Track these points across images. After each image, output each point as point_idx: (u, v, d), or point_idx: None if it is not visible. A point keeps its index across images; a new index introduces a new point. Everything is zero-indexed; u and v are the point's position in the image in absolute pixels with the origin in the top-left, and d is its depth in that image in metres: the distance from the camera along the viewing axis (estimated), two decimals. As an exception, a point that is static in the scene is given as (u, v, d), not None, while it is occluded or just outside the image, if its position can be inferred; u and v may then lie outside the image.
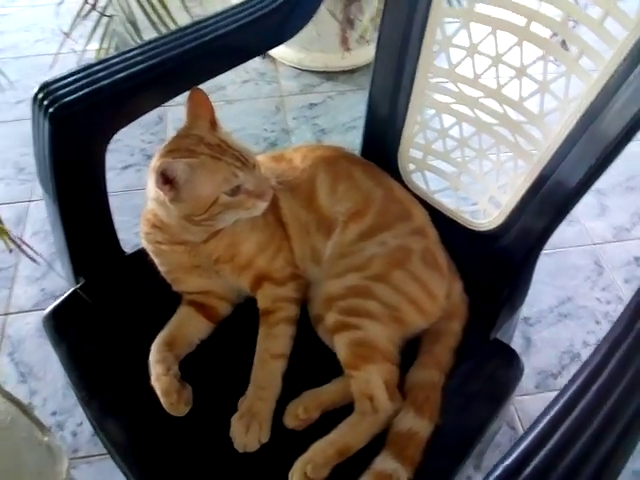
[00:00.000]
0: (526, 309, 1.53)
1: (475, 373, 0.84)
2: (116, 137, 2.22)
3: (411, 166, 1.00)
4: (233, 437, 0.74)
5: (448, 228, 0.94)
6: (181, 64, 0.91)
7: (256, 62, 2.35)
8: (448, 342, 0.85)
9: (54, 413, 1.32)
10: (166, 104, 0.90)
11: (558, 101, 0.81)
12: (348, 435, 0.74)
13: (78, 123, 0.77)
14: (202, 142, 0.78)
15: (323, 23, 2.14)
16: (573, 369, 1.38)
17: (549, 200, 0.82)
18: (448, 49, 0.89)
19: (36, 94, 0.76)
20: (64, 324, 0.84)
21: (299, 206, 0.89)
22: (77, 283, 0.90)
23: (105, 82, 0.79)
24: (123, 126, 0.83)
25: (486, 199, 0.93)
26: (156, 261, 0.88)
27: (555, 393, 0.58)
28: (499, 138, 0.88)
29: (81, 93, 0.75)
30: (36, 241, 1.68)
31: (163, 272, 0.88)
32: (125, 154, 1.97)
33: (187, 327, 0.85)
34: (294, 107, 2.14)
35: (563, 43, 0.81)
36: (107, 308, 0.88)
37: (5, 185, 1.86)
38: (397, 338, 0.82)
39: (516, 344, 1.43)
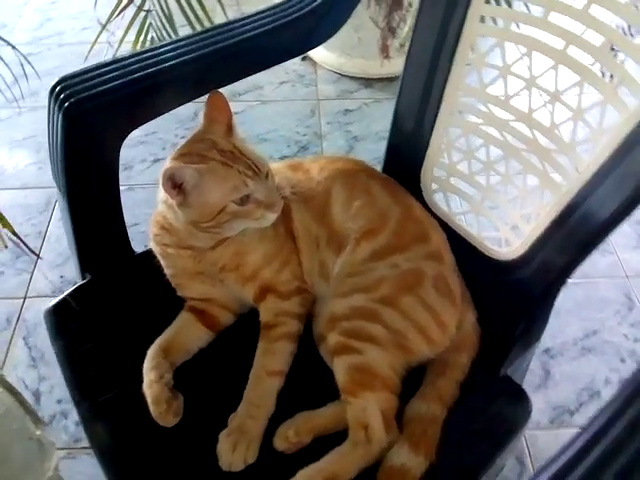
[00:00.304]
0: (549, 340, 1.47)
1: (480, 410, 0.79)
2: (150, 129, 2.23)
3: (434, 186, 0.96)
4: (219, 454, 0.72)
5: (466, 254, 0.90)
6: (210, 63, 0.89)
7: (296, 64, 2.34)
8: (454, 375, 0.81)
9: (60, 401, 1.33)
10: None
11: (592, 130, 0.76)
12: (337, 464, 0.71)
13: (92, 120, 0.76)
14: (215, 147, 0.76)
15: (365, 29, 2.11)
16: (591, 407, 1.32)
17: (574, 235, 0.77)
18: (480, 68, 0.85)
19: (53, 87, 0.75)
20: (64, 320, 0.84)
21: (311, 219, 0.87)
22: (83, 279, 0.90)
23: (124, 80, 0.78)
24: (141, 124, 0.82)
25: (508, 227, 0.88)
26: (162, 263, 0.86)
27: (570, 430, 0.53)
28: (527, 165, 0.84)
29: (98, 90, 0.74)
30: (60, 227, 1.70)
31: (168, 275, 0.86)
32: (157, 147, 1.98)
33: (186, 334, 0.83)
34: (329, 112, 2.11)
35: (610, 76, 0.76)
36: (109, 308, 0.87)
37: (37, 169, 1.89)
38: (400, 366, 0.78)
39: (534, 375, 1.39)
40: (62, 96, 0.74)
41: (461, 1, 0.82)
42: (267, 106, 2.15)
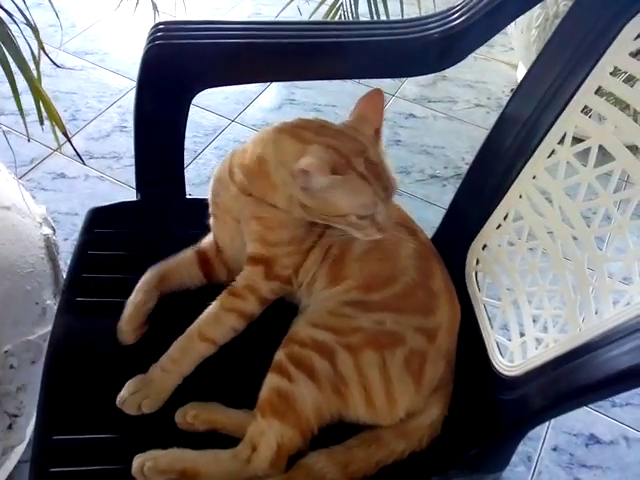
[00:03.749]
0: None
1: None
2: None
3: (478, 264, 0.87)
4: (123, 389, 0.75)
5: (469, 344, 0.81)
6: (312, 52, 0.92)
7: (505, 92, 2.22)
8: (378, 454, 0.74)
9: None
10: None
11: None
12: (206, 463, 0.70)
13: (166, 63, 0.82)
14: (364, 155, 0.73)
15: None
16: None
17: (561, 383, 0.65)
18: (564, 162, 0.74)
19: (157, 24, 0.83)
20: (95, 223, 0.92)
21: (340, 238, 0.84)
22: (136, 197, 0.99)
23: (217, 39, 0.82)
24: (212, 86, 0.86)
25: (519, 341, 0.77)
26: (213, 191, 0.85)
27: None
28: (563, 286, 0.72)
29: (183, 41, 0.80)
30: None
31: (210, 201, 0.86)
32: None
33: (183, 271, 0.87)
34: (507, 151, 1.98)
35: None
36: (134, 231, 0.93)
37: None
38: (328, 411, 0.74)
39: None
40: (156, 34, 0.81)
41: (578, 69, 0.72)
42: (450, 122, 2.08)
